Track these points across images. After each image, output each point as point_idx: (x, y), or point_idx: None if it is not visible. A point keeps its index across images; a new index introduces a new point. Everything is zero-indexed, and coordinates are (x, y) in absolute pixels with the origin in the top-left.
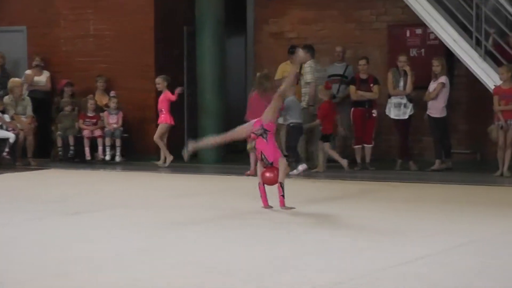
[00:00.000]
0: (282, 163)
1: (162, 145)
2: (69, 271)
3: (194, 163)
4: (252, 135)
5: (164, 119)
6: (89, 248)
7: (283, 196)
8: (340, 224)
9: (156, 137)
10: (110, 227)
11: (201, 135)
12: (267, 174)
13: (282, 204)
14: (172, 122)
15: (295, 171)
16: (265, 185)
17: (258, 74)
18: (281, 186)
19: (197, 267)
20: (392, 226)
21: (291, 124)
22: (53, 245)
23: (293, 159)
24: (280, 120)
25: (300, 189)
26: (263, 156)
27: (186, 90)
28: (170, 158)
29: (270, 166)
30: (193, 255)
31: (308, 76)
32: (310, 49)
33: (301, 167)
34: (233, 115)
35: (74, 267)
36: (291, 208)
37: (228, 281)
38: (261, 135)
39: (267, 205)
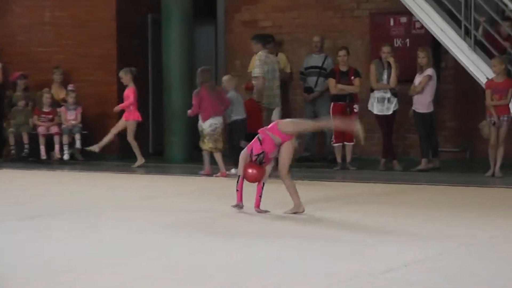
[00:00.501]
0: (270, 164)
1: (136, 146)
2: (28, 277)
3: (160, 163)
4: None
5: (133, 116)
6: (48, 254)
7: (260, 197)
8: (322, 228)
9: (129, 137)
10: (69, 231)
11: (168, 134)
12: (250, 170)
13: (257, 205)
14: (140, 118)
15: (232, 170)
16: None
17: (199, 69)
18: (262, 186)
19: (171, 271)
20: (377, 230)
21: (234, 120)
22: (8, 251)
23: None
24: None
25: (274, 191)
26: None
27: (152, 84)
28: (141, 161)
29: (253, 163)
30: (165, 259)
31: (256, 70)
32: (260, 39)
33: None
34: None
35: (32, 274)
36: (265, 211)
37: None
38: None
39: (240, 202)
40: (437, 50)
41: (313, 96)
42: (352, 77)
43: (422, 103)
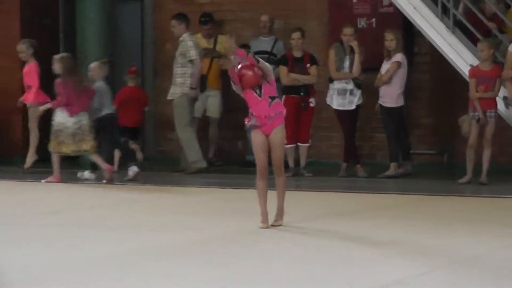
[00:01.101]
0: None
1: (36, 137)
2: None
3: (67, 168)
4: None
5: (35, 98)
6: None
7: None
8: (279, 247)
9: (31, 124)
10: None
11: None
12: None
13: None
14: (47, 100)
15: (85, 174)
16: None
17: (57, 56)
18: None
19: None
20: (334, 248)
21: (102, 116)
22: None
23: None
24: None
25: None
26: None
27: None
28: (33, 157)
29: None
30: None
31: (192, 52)
32: (185, 19)
33: (132, 170)
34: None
35: None
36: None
37: None
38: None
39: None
40: (409, 32)
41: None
42: (308, 65)
43: (390, 96)
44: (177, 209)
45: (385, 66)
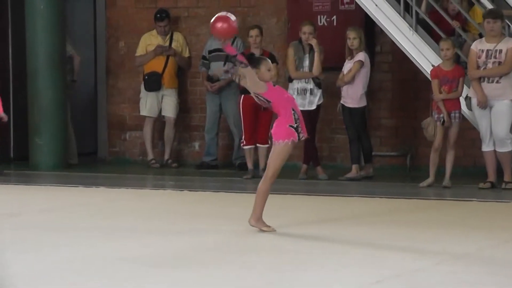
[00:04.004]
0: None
1: None
2: None
3: (24, 170)
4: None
5: None
6: None
7: None
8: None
9: None
10: None
11: (33, 135)
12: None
13: None
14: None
15: None
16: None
17: None
18: None
19: None
20: (296, 254)
21: None
22: None
23: None
24: None
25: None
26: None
27: (13, 71)
28: None
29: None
30: None
31: (69, 48)
32: None
33: None
34: (79, 107)
35: None
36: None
37: None
38: None
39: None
40: (371, 31)
41: (218, 85)
42: None
43: (353, 96)
44: (136, 212)
45: (348, 66)
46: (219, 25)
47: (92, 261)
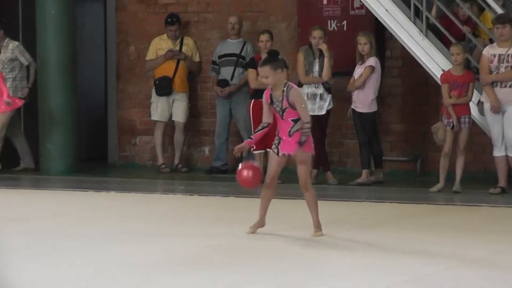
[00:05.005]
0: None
1: None
2: None
3: (33, 174)
4: None
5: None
6: None
7: None
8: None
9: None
10: None
11: (44, 140)
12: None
13: None
14: (7, 110)
15: None
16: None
17: None
18: None
19: None
20: (306, 258)
21: None
22: None
23: None
24: None
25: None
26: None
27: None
28: None
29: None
30: None
31: (27, 55)
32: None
33: None
34: (89, 112)
35: None
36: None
37: None
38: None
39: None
40: (381, 36)
41: (228, 90)
42: None
43: (363, 101)
44: (147, 217)
45: (358, 71)
46: (245, 173)
47: (103, 265)
